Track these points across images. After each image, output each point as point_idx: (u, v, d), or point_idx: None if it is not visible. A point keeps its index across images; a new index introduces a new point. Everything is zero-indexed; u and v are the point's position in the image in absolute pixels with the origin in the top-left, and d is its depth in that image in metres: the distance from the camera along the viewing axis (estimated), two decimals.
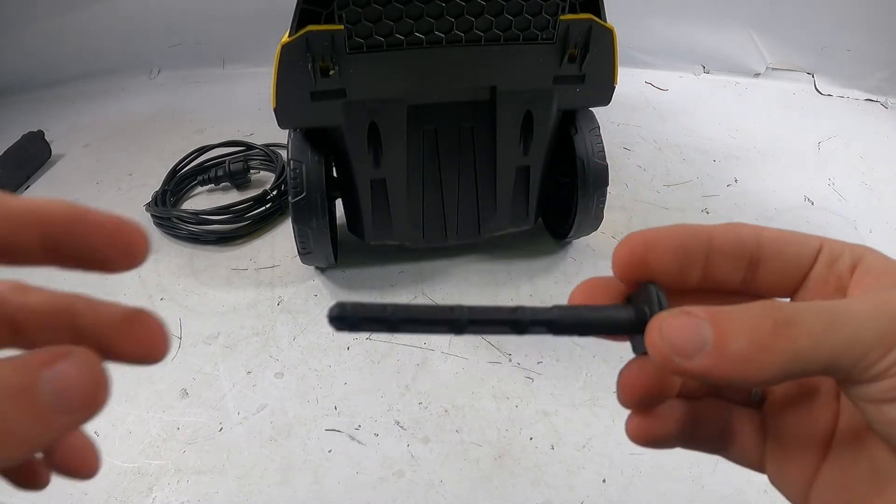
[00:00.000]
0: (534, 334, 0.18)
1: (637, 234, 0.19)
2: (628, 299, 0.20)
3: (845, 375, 0.16)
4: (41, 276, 0.17)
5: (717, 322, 0.16)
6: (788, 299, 0.20)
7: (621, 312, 0.18)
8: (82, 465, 0.19)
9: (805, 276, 0.19)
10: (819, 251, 0.19)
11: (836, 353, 0.15)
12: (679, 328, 0.16)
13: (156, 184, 0.94)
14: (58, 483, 0.20)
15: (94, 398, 0.15)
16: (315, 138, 0.67)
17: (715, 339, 0.15)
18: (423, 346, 0.68)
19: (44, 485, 0.19)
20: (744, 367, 0.15)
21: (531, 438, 0.59)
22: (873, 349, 0.15)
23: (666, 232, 0.19)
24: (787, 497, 0.20)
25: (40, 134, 1.07)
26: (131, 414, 0.61)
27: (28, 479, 0.19)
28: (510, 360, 0.67)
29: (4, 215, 0.15)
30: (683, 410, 0.21)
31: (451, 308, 0.17)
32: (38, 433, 0.14)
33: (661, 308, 0.18)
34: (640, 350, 0.19)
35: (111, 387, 0.15)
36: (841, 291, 0.19)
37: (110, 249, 0.16)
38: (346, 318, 0.16)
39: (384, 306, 0.16)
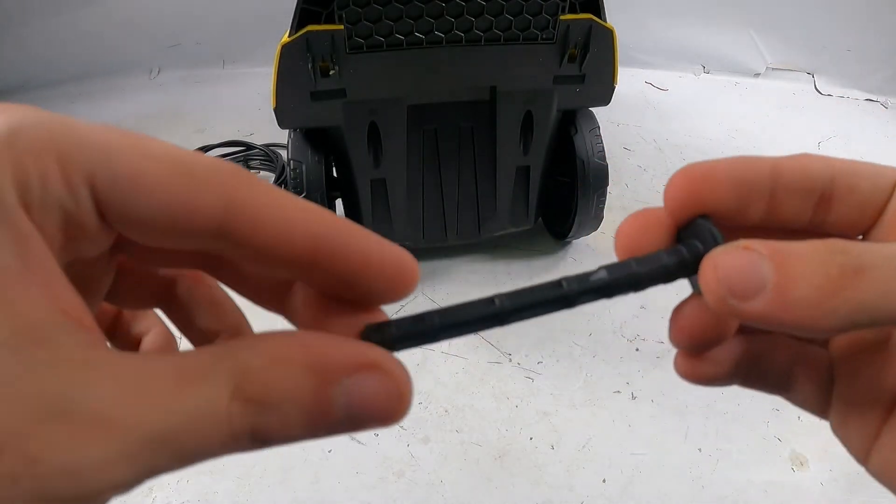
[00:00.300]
0: (587, 304, 0.16)
1: (694, 164, 0.17)
2: (678, 237, 0.18)
3: None
4: None
5: (778, 261, 0.14)
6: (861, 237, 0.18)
7: (672, 257, 0.16)
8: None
9: (881, 212, 0.17)
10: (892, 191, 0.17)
11: None
12: (736, 266, 0.14)
13: None
14: None
15: (391, 418, 0.13)
16: (315, 138, 0.67)
17: (776, 280, 0.14)
18: (423, 346, 0.68)
19: None
20: (806, 315, 0.14)
21: (531, 438, 0.59)
22: None
23: (727, 164, 0.17)
24: (848, 450, 0.19)
25: None
26: None
27: None
28: (510, 360, 0.67)
29: (273, 227, 0.12)
30: (742, 348, 0.19)
31: (491, 300, 0.15)
32: (305, 437, 0.12)
33: (717, 244, 0.16)
34: (698, 289, 0.17)
35: (412, 400, 0.13)
36: None
37: (376, 283, 0.14)
38: (384, 342, 0.14)
39: (420, 317, 0.15)
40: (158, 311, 0.18)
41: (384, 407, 0.12)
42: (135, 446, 0.10)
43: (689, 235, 0.17)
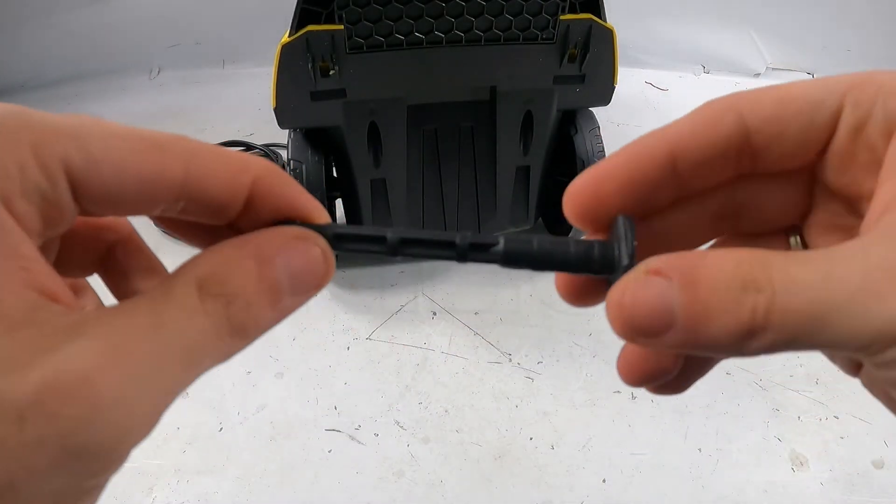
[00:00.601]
0: (476, 262, 0.16)
1: (587, 173, 0.17)
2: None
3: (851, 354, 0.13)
4: None
5: (689, 291, 0.13)
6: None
7: (579, 252, 0.16)
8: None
9: (823, 149, 0.15)
10: (839, 113, 0.15)
11: (825, 346, 0.13)
12: (642, 302, 0.13)
13: None
14: None
15: (322, 280, 0.15)
16: (315, 138, 0.67)
17: (686, 318, 0.13)
18: (424, 346, 0.68)
19: None
20: (718, 352, 0.13)
21: (531, 438, 0.59)
22: (870, 345, 0.12)
23: (615, 162, 0.17)
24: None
25: None
26: None
27: None
28: (510, 360, 0.67)
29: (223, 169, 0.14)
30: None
31: (384, 234, 0.16)
32: (271, 316, 0.14)
33: (629, 249, 0.15)
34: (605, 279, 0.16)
35: (333, 260, 0.15)
36: (874, 172, 0.14)
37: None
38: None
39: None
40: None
41: (314, 268, 0.15)
42: (137, 372, 0.12)
43: (611, 233, 0.16)
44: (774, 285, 0.12)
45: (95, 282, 0.19)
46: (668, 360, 0.17)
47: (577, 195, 0.17)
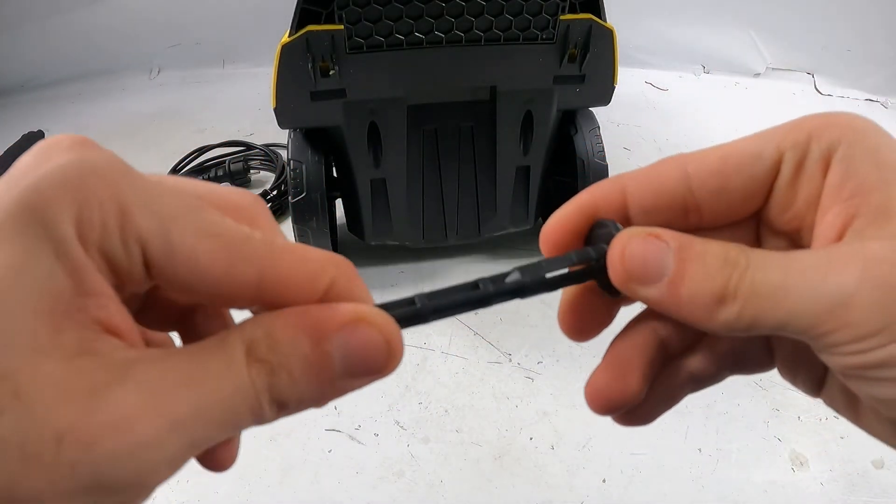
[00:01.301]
0: (501, 303, 0.17)
1: (549, 222, 0.19)
2: (587, 239, 0.19)
3: (802, 340, 0.15)
4: None
5: (680, 256, 0.15)
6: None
7: (580, 258, 0.17)
8: (226, 457, 0.18)
9: (767, 195, 0.17)
10: (779, 161, 0.16)
11: (783, 323, 0.14)
12: (642, 252, 0.15)
13: None
14: None
15: (387, 365, 0.14)
16: (315, 138, 0.67)
17: (674, 272, 0.15)
18: (423, 346, 0.68)
19: (230, 466, 0.18)
20: (692, 312, 0.15)
21: (531, 438, 0.59)
22: (824, 322, 0.14)
23: (568, 211, 0.19)
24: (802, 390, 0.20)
25: (40, 134, 1.08)
26: None
27: (219, 459, 0.17)
28: (510, 360, 0.67)
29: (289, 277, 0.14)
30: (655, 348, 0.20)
31: (412, 300, 0.16)
32: (317, 394, 0.14)
33: (610, 235, 0.17)
34: (606, 288, 0.17)
35: (403, 349, 0.15)
36: (813, 205, 0.16)
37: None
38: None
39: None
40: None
41: (375, 355, 0.14)
42: (175, 419, 0.12)
43: (593, 237, 0.18)
44: (749, 262, 0.15)
45: None
46: (633, 383, 0.19)
47: (547, 235, 0.19)
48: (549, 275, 0.17)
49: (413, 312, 0.16)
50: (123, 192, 0.12)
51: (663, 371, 0.20)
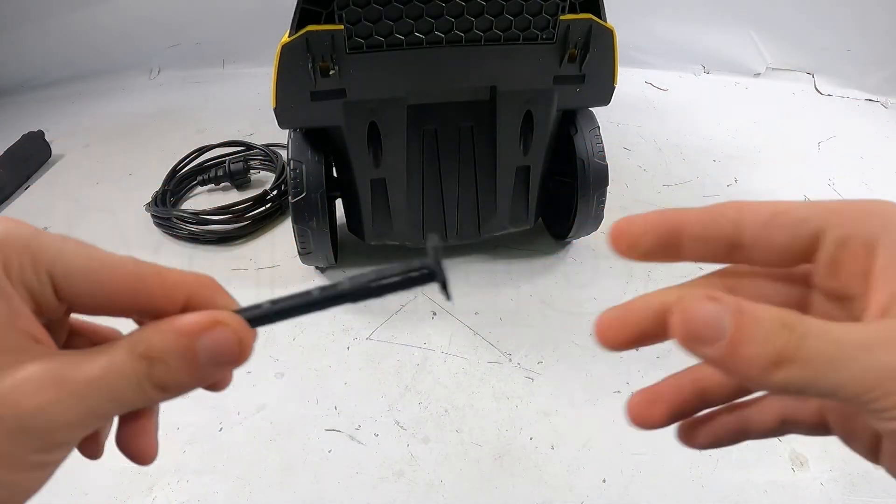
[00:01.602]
0: (334, 307, 0.21)
1: (624, 220, 0.21)
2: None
3: (853, 406, 0.17)
4: None
5: (737, 319, 0.16)
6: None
7: (401, 273, 0.21)
8: (145, 451, 0.22)
9: (806, 258, 0.20)
10: (820, 230, 0.19)
11: (836, 389, 0.16)
12: (701, 316, 0.17)
13: (156, 184, 0.94)
14: (59, 483, 0.20)
15: (240, 356, 0.19)
16: (315, 138, 0.67)
17: (732, 335, 0.16)
18: (423, 346, 0.68)
19: (99, 456, 0.22)
20: (749, 372, 0.16)
21: (531, 438, 0.59)
22: (873, 389, 0.16)
23: (647, 218, 0.21)
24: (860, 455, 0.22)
25: (40, 134, 1.07)
26: None
27: (91, 448, 0.22)
28: (510, 360, 0.67)
29: (162, 285, 0.19)
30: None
31: (261, 305, 0.20)
32: (191, 379, 0.19)
33: (438, 262, 0.21)
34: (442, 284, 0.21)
35: (255, 342, 0.19)
36: (860, 277, 0.19)
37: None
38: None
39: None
40: None
41: (231, 347, 0.18)
42: (73, 389, 0.17)
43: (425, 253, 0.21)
44: (806, 330, 0.16)
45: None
46: (657, 415, 0.23)
47: (617, 235, 0.21)
48: (373, 283, 0.21)
49: (260, 314, 0.19)
50: (32, 245, 0.18)
51: (725, 414, 0.25)
